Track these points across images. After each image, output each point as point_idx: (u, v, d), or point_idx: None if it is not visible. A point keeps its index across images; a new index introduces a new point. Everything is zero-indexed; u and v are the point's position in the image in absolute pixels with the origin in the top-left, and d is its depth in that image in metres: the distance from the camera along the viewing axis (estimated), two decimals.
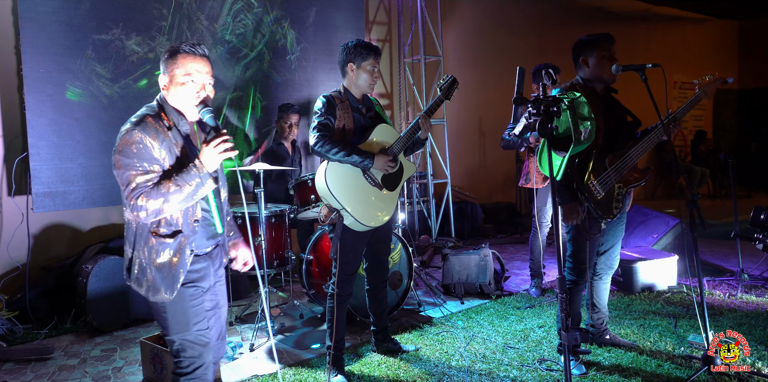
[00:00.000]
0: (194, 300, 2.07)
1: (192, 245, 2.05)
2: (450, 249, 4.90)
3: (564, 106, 2.63)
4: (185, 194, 1.93)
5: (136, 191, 1.89)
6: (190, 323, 2.06)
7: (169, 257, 2.01)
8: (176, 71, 1.99)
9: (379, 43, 6.87)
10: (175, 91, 2.01)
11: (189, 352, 2.07)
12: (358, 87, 2.99)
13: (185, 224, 2.03)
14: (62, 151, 4.25)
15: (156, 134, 1.93)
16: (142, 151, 1.91)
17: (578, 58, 3.00)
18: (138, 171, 1.91)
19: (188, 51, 2.01)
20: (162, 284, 2.00)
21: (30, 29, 4.07)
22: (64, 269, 4.27)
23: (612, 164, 2.92)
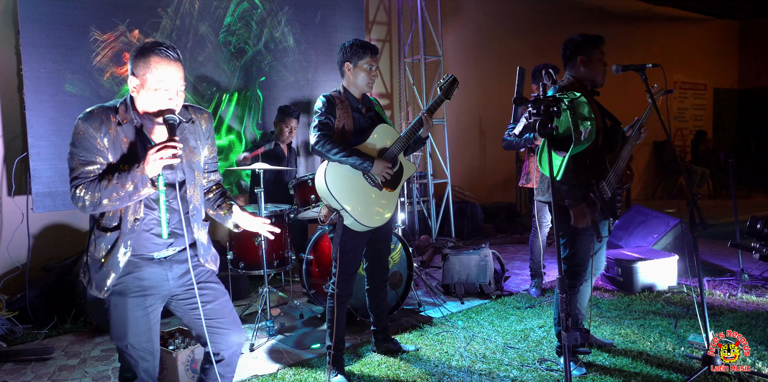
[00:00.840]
0: (136, 309, 2.03)
1: (128, 243, 1.98)
2: (450, 249, 4.91)
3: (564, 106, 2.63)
4: (122, 193, 1.88)
5: (77, 181, 1.89)
6: (127, 332, 2.04)
7: (103, 252, 1.98)
8: (148, 76, 1.91)
9: (379, 43, 6.87)
10: (146, 96, 1.93)
11: (126, 358, 2.10)
12: (357, 86, 3.00)
13: (124, 221, 1.97)
14: (62, 151, 4.25)
15: (99, 126, 1.89)
16: (86, 142, 1.89)
17: (574, 56, 2.97)
18: (80, 160, 1.90)
19: (162, 54, 1.91)
20: (93, 278, 1.99)
21: (30, 29, 4.07)
22: (64, 269, 4.26)
23: (612, 165, 2.94)
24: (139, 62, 1.92)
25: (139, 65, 1.92)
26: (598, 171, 2.92)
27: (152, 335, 2.11)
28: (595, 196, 2.89)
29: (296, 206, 3.86)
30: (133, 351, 2.08)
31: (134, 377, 2.11)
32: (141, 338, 2.07)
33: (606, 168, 2.93)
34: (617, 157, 2.95)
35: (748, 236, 3.67)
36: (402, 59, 6.85)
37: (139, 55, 1.92)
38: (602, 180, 2.92)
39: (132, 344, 2.06)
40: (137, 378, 2.11)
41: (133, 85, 1.96)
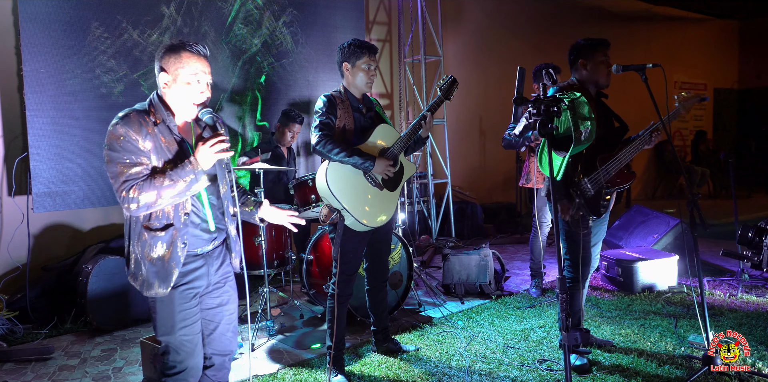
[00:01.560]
0: (184, 304, 2.07)
1: (184, 238, 2.03)
2: (450, 249, 4.90)
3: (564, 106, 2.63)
4: (178, 190, 1.93)
5: (127, 183, 1.90)
6: (176, 326, 2.06)
7: (162, 251, 2.01)
8: (180, 71, 1.99)
9: (379, 43, 6.87)
10: (178, 89, 2.00)
11: (173, 355, 2.09)
12: (356, 86, 3.00)
13: (176, 217, 2.02)
14: (62, 151, 4.25)
15: (139, 128, 1.94)
16: (128, 145, 1.92)
17: (577, 60, 3.05)
18: (126, 163, 1.92)
19: (193, 50, 2.01)
20: (155, 278, 2.01)
21: (30, 29, 4.07)
22: (64, 269, 4.26)
23: (603, 165, 2.97)
24: (170, 58, 1.99)
25: (170, 61, 1.99)
26: (585, 169, 2.95)
27: (198, 329, 2.14)
28: (575, 192, 2.93)
29: (296, 206, 3.86)
30: (183, 346, 2.08)
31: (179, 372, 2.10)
32: (190, 331, 2.10)
33: (595, 166, 2.96)
34: (612, 157, 2.97)
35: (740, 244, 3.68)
36: (402, 59, 6.85)
37: (170, 52, 2.00)
38: (585, 177, 2.95)
39: (182, 338, 2.07)
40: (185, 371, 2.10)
41: (165, 81, 2.01)
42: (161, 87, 2.03)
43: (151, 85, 4.67)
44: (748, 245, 3.55)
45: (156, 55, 2.04)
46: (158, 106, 2.02)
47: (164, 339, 2.08)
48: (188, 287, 2.08)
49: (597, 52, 2.98)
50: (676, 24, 11.09)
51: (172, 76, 2.00)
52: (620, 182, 3.03)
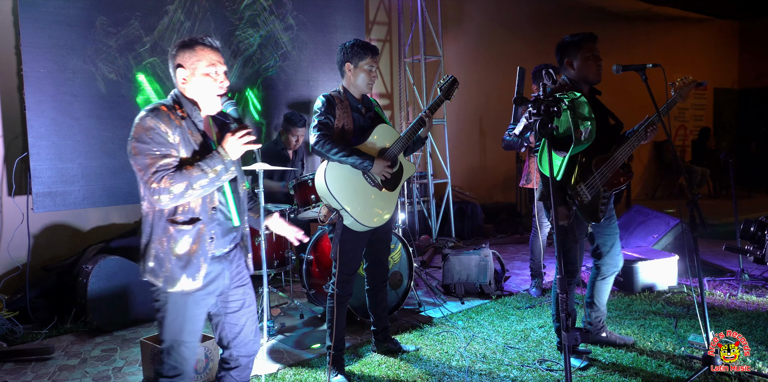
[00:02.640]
0: (197, 309, 2.06)
1: (211, 232, 2.03)
2: (450, 249, 4.91)
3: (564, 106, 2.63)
4: (208, 180, 1.94)
5: (157, 174, 1.90)
6: (183, 329, 2.05)
7: (189, 246, 1.99)
8: (198, 64, 2.02)
9: (379, 43, 6.87)
10: (197, 82, 2.03)
11: (174, 357, 2.07)
12: (357, 87, 3.00)
13: (203, 211, 2.02)
14: (62, 151, 4.25)
15: (169, 121, 1.95)
16: (158, 137, 1.93)
17: (562, 59, 2.98)
18: (156, 155, 1.92)
19: (206, 44, 2.04)
20: (182, 272, 1.99)
21: (30, 29, 4.07)
22: (64, 269, 4.27)
23: (598, 168, 2.91)
24: (186, 53, 2.03)
25: (185, 56, 2.03)
26: (581, 173, 2.89)
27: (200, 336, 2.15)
28: (570, 199, 2.87)
29: (296, 206, 3.86)
30: (186, 350, 2.07)
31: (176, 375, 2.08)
32: (195, 337, 2.09)
33: (591, 170, 2.90)
34: (607, 159, 2.93)
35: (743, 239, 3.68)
36: (402, 59, 6.85)
37: (185, 48, 2.04)
38: (581, 183, 2.89)
39: (187, 342, 2.07)
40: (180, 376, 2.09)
41: (183, 77, 2.04)
42: (180, 84, 2.06)
43: (152, 85, 4.66)
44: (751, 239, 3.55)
45: (169, 55, 2.08)
46: (184, 100, 2.05)
47: (169, 340, 2.06)
48: (205, 292, 2.06)
49: (581, 49, 2.89)
50: (676, 24, 11.09)
51: (190, 71, 2.03)
52: (618, 183, 2.99)
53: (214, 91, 2.05)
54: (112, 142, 4.47)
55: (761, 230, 3.47)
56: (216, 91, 2.05)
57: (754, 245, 3.48)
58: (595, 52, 2.92)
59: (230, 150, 1.99)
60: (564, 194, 2.88)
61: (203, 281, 2.02)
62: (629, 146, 2.94)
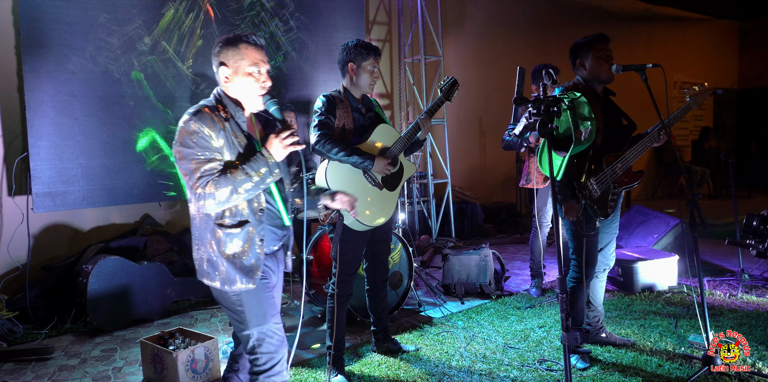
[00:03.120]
0: (268, 292, 2.06)
1: (261, 234, 2.01)
2: (450, 249, 4.90)
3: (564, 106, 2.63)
4: (253, 183, 1.91)
5: (202, 180, 1.88)
6: (267, 314, 2.04)
7: (239, 248, 1.98)
8: (242, 62, 1.99)
9: (379, 43, 6.87)
10: (240, 82, 2.00)
11: (266, 346, 2.04)
12: (358, 87, 3.00)
13: (251, 214, 2.00)
14: (62, 151, 4.25)
15: (212, 124, 1.92)
16: (202, 141, 1.90)
17: (575, 61, 3.04)
18: (200, 159, 1.90)
19: (250, 41, 2.01)
20: (237, 273, 1.98)
21: (30, 29, 4.07)
22: (64, 269, 4.27)
23: (609, 165, 2.95)
24: (229, 51, 2.00)
25: (229, 54, 2.00)
26: (591, 169, 2.93)
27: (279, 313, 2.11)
28: (580, 193, 2.92)
29: None
30: (275, 334, 2.05)
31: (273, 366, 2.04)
32: (279, 319, 2.07)
33: (601, 167, 2.95)
34: (618, 157, 2.96)
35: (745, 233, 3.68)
36: (402, 59, 6.85)
37: (228, 45, 2.00)
38: (591, 178, 2.94)
39: (275, 325, 2.05)
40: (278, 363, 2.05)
41: (226, 75, 2.01)
42: (222, 82, 2.03)
43: (153, 85, 4.66)
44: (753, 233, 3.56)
45: (212, 52, 2.03)
46: (226, 101, 2.02)
47: (258, 330, 2.02)
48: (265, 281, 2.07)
49: (593, 49, 2.95)
50: (676, 24, 11.09)
51: (233, 69, 2.00)
52: (628, 182, 3.03)
53: (256, 91, 2.01)
54: (111, 142, 4.47)
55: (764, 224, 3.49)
56: (258, 92, 2.02)
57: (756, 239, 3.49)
58: (607, 52, 2.96)
59: (274, 151, 1.95)
60: (574, 188, 2.92)
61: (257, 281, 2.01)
62: (641, 146, 2.98)
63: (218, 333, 3.80)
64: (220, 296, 2.04)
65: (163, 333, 3.15)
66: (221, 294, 2.03)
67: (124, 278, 3.98)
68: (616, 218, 3.19)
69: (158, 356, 2.97)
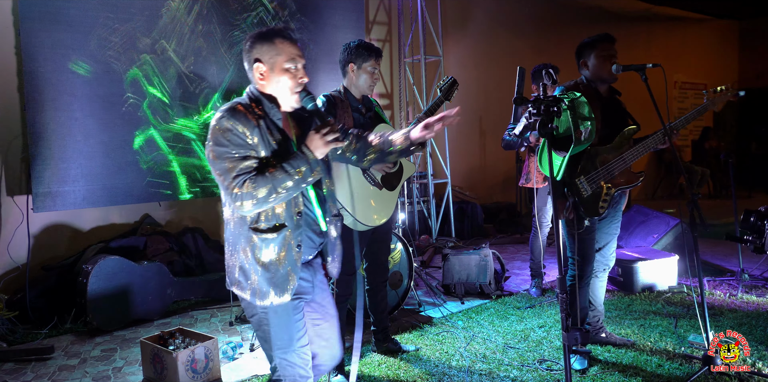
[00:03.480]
0: (298, 313, 1.93)
1: (298, 240, 1.89)
2: (450, 249, 4.90)
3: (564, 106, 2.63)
4: (293, 182, 1.80)
5: (239, 179, 1.77)
6: (293, 338, 1.91)
7: (275, 254, 1.85)
8: (278, 58, 1.89)
9: (379, 43, 6.87)
10: (276, 79, 1.90)
11: (289, 371, 1.92)
12: (358, 87, 3.00)
13: (288, 217, 1.88)
14: (62, 151, 4.25)
15: (246, 121, 1.82)
16: (236, 138, 1.80)
17: (579, 60, 3.05)
18: (235, 158, 1.79)
19: (286, 35, 1.91)
20: (269, 285, 1.85)
21: (30, 29, 4.07)
22: (64, 269, 4.27)
23: (603, 165, 2.94)
24: (264, 47, 1.90)
25: (263, 50, 1.89)
26: (582, 168, 2.93)
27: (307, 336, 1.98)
28: (568, 192, 2.92)
29: None
30: (301, 359, 1.93)
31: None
32: (305, 342, 1.95)
33: (594, 166, 2.94)
34: (616, 157, 2.95)
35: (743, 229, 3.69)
36: (402, 59, 6.85)
37: (262, 40, 1.90)
38: (582, 176, 2.92)
39: (300, 348, 1.93)
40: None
41: (261, 72, 1.91)
42: (257, 79, 1.93)
43: (153, 85, 4.66)
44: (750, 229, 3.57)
45: (244, 47, 1.93)
46: (261, 98, 1.91)
47: (281, 355, 1.91)
48: (300, 297, 1.94)
49: (596, 49, 2.95)
50: (676, 24, 11.09)
51: (269, 66, 1.90)
52: (624, 183, 3.00)
53: (293, 87, 1.91)
54: (111, 142, 4.47)
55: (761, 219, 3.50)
56: (295, 88, 1.91)
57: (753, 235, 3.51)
58: (610, 52, 2.96)
59: (315, 148, 1.83)
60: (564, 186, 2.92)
61: (291, 293, 1.88)
62: (643, 147, 2.96)
63: (218, 333, 3.81)
64: (248, 307, 1.93)
65: (163, 333, 3.15)
66: (249, 306, 1.92)
67: (124, 278, 3.98)
68: (616, 218, 3.18)
69: (158, 356, 2.97)
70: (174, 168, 4.82)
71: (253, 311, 1.92)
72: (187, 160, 4.89)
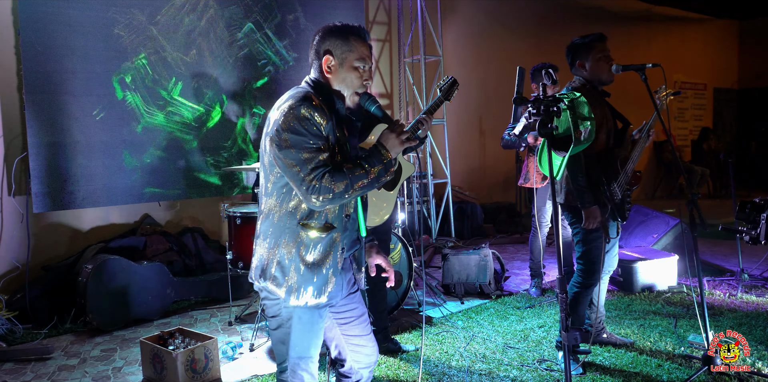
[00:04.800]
0: (321, 320, 1.88)
1: (344, 242, 1.85)
2: (450, 249, 4.90)
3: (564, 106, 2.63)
4: (369, 180, 1.74)
5: (318, 171, 1.69)
6: (312, 344, 1.88)
7: (320, 255, 1.80)
8: (350, 55, 1.85)
9: (379, 43, 6.87)
10: (344, 75, 1.86)
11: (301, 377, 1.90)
12: None
13: (338, 219, 1.83)
14: (62, 151, 4.25)
15: (323, 113, 1.75)
16: (314, 128, 1.72)
17: (574, 61, 3.00)
18: (313, 148, 1.71)
19: (361, 34, 1.88)
20: (309, 285, 1.80)
21: (30, 29, 4.07)
22: (64, 269, 4.27)
23: (623, 167, 2.95)
24: (338, 41, 1.86)
25: (337, 44, 1.86)
26: (610, 173, 2.93)
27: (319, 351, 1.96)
28: (606, 198, 2.90)
29: None
30: (313, 366, 1.91)
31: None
32: (318, 351, 1.92)
33: (617, 170, 2.94)
34: (628, 158, 2.96)
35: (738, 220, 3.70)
36: (402, 59, 6.84)
37: (337, 35, 1.87)
38: (614, 182, 2.93)
39: (314, 357, 1.90)
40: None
41: (329, 65, 1.86)
42: (325, 71, 1.87)
43: (153, 84, 4.66)
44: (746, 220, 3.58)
45: (314, 39, 1.90)
46: (331, 93, 1.86)
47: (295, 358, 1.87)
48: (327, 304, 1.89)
49: (593, 50, 2.92)
50: (676, 24, 11.09)
51: (339, 60, 1.85)
52: (634, 183, 3.04)
53: (357, 87, 1.86)
54: (111, 142, 4.47)
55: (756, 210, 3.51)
56: (359, 88, 1.87)
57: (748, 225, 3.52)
58: (606, 53, 2.94)
59: (391, 148, 1.79)
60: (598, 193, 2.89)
61: (328, 296, 1.84)
62: (640, 147, 3.00)
63: (218, 333, 3.81)
64: (274, 306, 1.86)
65: (163, 333, 3.15)
66: (275, 304, 1.85)
67: (124, 278, 3.98)
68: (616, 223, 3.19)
69: (158, 356, 2.97)
70: (174, 168, 4.82)
71: (280, 311, 1.85)
72: (188, 159, 4.89)
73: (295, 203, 1.81)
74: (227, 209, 3.85)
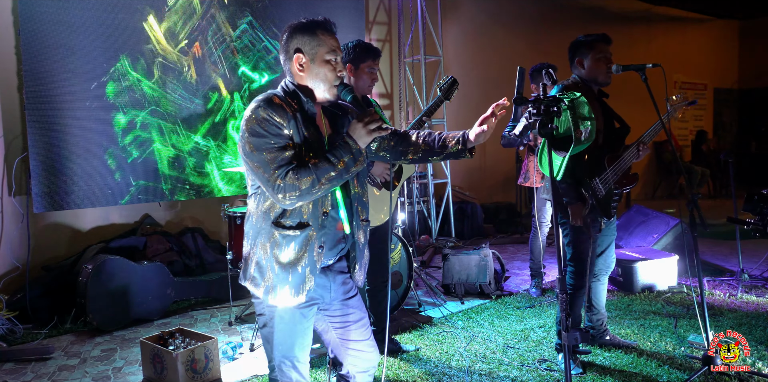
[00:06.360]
0: (304, 320, 1.87)
1: (321, 240, 1.83)
2: (450, 249, 4.90)
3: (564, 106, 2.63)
4: (336, 172, 1.73)
5: (281, 170, 1.70)
6: (295, 344, 1.88)
7: (294, 254, 1.80)
8: (319, 49, 1.85)
9: (379, 43, 6.87)
10: (316, 70, 1.85)
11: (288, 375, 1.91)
12: (357, 88, 2.99)
13: (313, 216, 1.82)
14: (62, 151, 4.25)
15: (283, 113, 1.76)
16: (273, 128, 1.74)
17: (573, 58, 3.01)
18: (274, 148, 1.72)
19: (328, 27, 1.89)
20: (285, 283, 1.80)
21: (30, 29, 4.07)
22: (64, 269, 4.27)
23: (610, 165, 2.94)
24: (305, 37, 1.87)
25: (305, 40, 1.87)
26: (594, 169, 2.93)
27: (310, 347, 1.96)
28: (587, 193, 2.92)
29: None
30: (301, 366, 1.92)
31: None
32: (306, 351, 1.92)
33: (603, 167, 2.94)
34: (617, 158, 2.96)
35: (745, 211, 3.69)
36: (402, 59, 6.85)
37: (304, 31, 1.88)
38: (596, 177, 2.93)
39: (299, 358, 1.91)
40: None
41: (301, 63, 1.86)
42: (295, 70, 1.87)
43: (153, 84, 4.66)
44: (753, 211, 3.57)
45: (282, 39, 1.90)
46: (297, 91, 1.86)
47: (280, 357, 1.89)
48: (313, 303, 1.88)
49: (594, 50, 2.92)
50: (676, 24, 11.09)
51: (309, 56, 1.85)
52: (626, 183, 3.03)
53: (332, 80, 1.86)
54: (111, 142, 4.47)
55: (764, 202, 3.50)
56: (334, 81, 1.86)
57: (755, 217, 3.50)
58: (607, 54, 2.93)
59: (358, 137, 1.76)
60: (580, 189, 2.91)
61: (307, 296, 1.83)
62: (635, 150, 2.99)
63: (218, 333, 3.81)
64: (258, 305, 1.90)
65: (163, 333, 3.15)
66: (259, 304, 1.89)
67: (124, 278, 3.98)
68: (614, 220, 3.19)
69: (158, 356, 2.97)
70: (174, 168, 4.82)
71: (263, 311, 1.89)
72: (188, 159, 4.89)
73: (269, 203, 1.82)
74: (227, 209, 3.85)
